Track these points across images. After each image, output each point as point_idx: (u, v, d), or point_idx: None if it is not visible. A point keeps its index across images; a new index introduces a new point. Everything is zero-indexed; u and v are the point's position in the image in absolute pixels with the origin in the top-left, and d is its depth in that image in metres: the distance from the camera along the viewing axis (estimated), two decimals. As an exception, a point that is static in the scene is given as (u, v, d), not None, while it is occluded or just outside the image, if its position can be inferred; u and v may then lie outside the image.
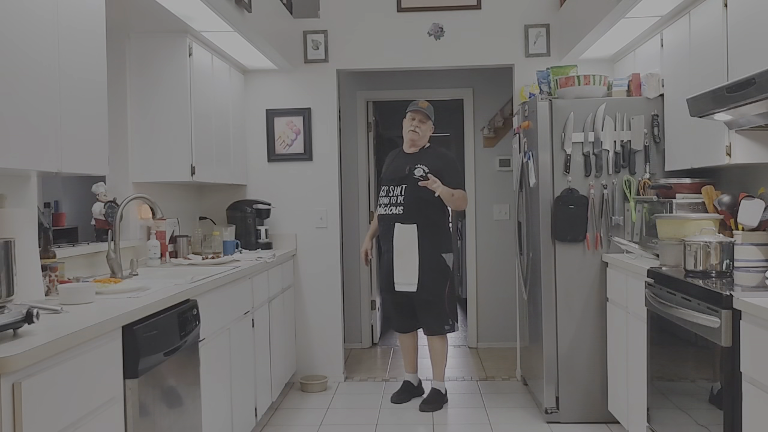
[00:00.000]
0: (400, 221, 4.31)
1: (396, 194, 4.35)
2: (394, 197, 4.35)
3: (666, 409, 2.96)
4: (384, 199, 4.42)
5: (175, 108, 3.84)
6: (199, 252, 4.38)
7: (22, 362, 1.62)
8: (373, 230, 4.70)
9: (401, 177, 4.35)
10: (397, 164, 4.44)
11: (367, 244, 4.73)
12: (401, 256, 4.30)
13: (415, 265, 4.27)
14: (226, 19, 3.61)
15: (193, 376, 2.81)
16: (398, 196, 4.34)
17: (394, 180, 4.38)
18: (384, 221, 4.43)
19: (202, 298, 2.96)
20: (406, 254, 4.29)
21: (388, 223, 4.38)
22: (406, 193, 4.31)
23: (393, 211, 4.34)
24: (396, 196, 4.35)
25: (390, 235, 4.36)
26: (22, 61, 2.15)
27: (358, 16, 5.01)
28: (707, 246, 2.86)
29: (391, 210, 4.36)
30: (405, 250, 4.29)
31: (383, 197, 4.44)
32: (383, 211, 4.42)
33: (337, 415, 4.33)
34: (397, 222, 4.32)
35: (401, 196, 4.32)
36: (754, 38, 2.79)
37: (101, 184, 3.60)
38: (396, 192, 4.35)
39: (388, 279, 4.42)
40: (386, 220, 4.40)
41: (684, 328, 2.70)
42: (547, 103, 4.05)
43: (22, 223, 2.36)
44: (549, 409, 4.06)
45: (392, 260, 4.35)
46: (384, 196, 4.43)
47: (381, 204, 4.46)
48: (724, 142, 3.07)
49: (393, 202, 4.35)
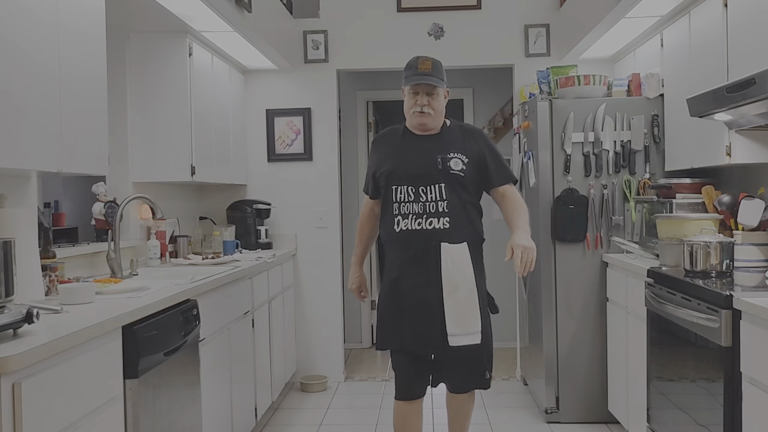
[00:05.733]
0: (447, 239, 2.84)
1: (432, 198, 2.87)
2: (431, 203, 2.87)
3: (666, 409, 2.96)
4: (406, 206, 2.89)
5: (175, 108, 3.84)
6: (199, 252, 4.38)
7: (22, 362, 1.62)
8: (363, 253, 3.23)
9: (433, 173, 2.88)
10: (412, 152, 2.96)
11: (358, 277, 3.21)
12: (455, 292, 2.82)
13: (475, 304, 2.84)
14: (226, 19, 3.60)
15: (193, 376, 2.81)
16: (437, 201, 2.87)
17: (420, 177, 2.89)
18: (412, 241, 2.88)
19: (202, 298, 2.96)
20: (462, 290, 2.83)
21: (422, 244, 2.86)
22: (449, 195, 2.87)
23: (433, 225, 2.85)
24: (433, 201, 2.87)
25: (426, 262, 2.85)
26: (22, 60, 2.15)
27: (358, 16, 5.01)
28: (707, 246, 2.86)
29: (428, 222, 2.86)
30: (460, 283, 2.82)
31: (402, 203, 2.90)
32: (407, 224, 2.88)
33: (337, 415, 4.33)
34: (443, 241, 2.84)
35: (443, 201, 2.86)
36: (754, 38, 2.79)
37: (101, 184, 3.61)
38: (432, 195, 2.88)
39: (411, 330, 2.88)
40: (418, 239, 2.87)
41: (684, 328, 2.70)
42: (547, 103, 4.05)
43: (22, 223, 2.36)
44: (549, 409, 4.06)
45: (426, 301, 2.85)
46: (405, 201, 2.90)
47: (398, 213, 2.91)
48: (724, 142, 3.07)
49: (430, 210, 2.86)
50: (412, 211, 2.88)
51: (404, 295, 2.89)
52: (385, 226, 2.98)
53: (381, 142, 3.11)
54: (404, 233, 2.89)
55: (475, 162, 2.93)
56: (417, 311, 2.86)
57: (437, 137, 2.96)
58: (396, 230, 2.90)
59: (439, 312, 2.83)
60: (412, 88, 2.91)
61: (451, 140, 2.95)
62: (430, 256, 2.84)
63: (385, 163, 2.98)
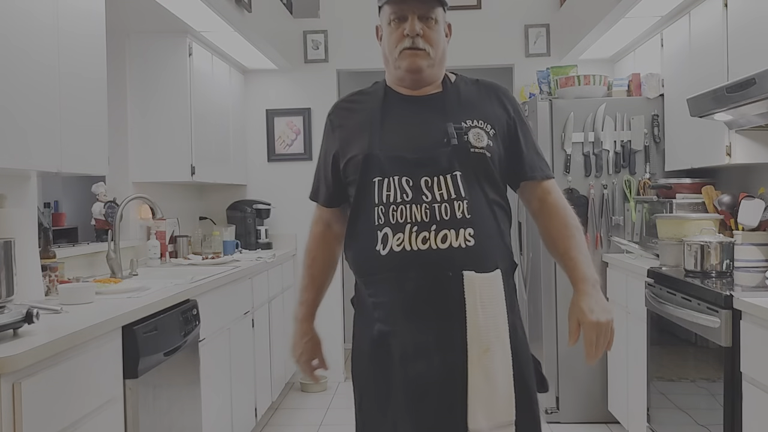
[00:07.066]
0: (473, 264, 1.68)
1: (443, 196, 1.69)
2: (442, 204, 1.69)
3: (666, 409, 2.96)
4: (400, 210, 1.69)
5: (175, 108, 3.84)
6: (199, 252, 4.38)
7: (22, 362, 1.62)
8: (314, 301, 1.99)
9: (441, 153, 1.72)
10: (404, 122, 1.79)
11: (308, 341, 1.97)
12: (486, 355, 1.67)
13: (510, 374, 1.71)
14: (226, 19, 3.61)
15: (193, 376, 2.81)
16: (451, 200, 1.69)
17: (420, 162, 1.72)
18: (412, 270, 1.68)
19: (202, 298, 2.96)
20: (496, 351, 1.68)
21: (429, 276, 1.68)
22: (470, 190, 1.71)
23: (449, 241, 1.67)
24: (445, 201, 1.69)
25: (436, 306, 1.68)
26: (22, 60, 2.15)
27: (358, 16, 5.01)
28: (707, 246, 2.86)
29: (439, 237, 1.67)
30: (493, 341, 1.68)
31: (392, 205, 1.70)
32: (402, 241, 1.68)
33: (337, 415, 4.33)
34: (466, 268, 1.67)
35: (460, 201, 1.69)
36: (754, 38, 2.79)
37: (101, 184, 3.61)
38: (442, 191, 1.70)
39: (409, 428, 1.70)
40: (423, 266, 1.68)
41: (684, 328, 2.70)
42: (547, 103, 4.05)
43: (22, 223, 2.36)
44: (549, 409, 4.06)
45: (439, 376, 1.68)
46: (396, 202, 1.70)
47: (383, 224, 1.70)
48: (724, 142, 3.07)
49: (442, 215, 1.68)
50: (410, 218, 1.65)
51: (396, 366, 1.69)
52: (360, 246, 1.75)
53: (345, 113, 1.86)
54: (397, 257, 1.65)
55: (503, 136, 1.77)
56: (420, 396, 1.67)
57: (440, 97, 1.80)
58: (381, 252, 1.67)
59: (460, 393, 1.64)
60: (394, 11, 1.76)
61: (464, 101, 1.79)
62: (445, 295, 1.64)
63: (355, 142, 1.77)
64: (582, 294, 1.77)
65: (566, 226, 1.82)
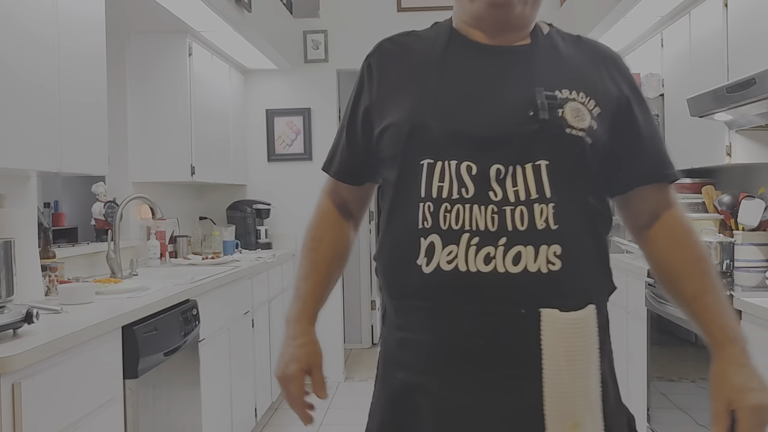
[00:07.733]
0: (556, 297, 1.10)
1: (519, 195, 1.11)
2: (517, 207, 1.11)
3: (666, 409, 2.96)
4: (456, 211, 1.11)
5: (174, 108, 3.84)
6: (199, 252, 4.38)
7: (22, 362, 1.62)
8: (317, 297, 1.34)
9: (522, 131, 1.13)
10: (473, 81, 1.19)
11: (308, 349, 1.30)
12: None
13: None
14: (226, 19, 3.60)
15: (193, 376, 2.81)
16: (530, 201, 1.11)
17: (492, 141, 1.13)
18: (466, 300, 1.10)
19: (202, 298, 2.96)
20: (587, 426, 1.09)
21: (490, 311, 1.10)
22: (557, 188, 1.12)
23: (523, 262, 1.09)
24: (522, 202, 1.11)
25: (498, 356, 1.11)
26: (22, 60, 2.15)
27: (358, 16, 5.01)
28: (707, 246, 2.86)
29: (510, 255, 1.09)
30: (583, 411, 1.10)
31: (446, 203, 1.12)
32: (456, 257, 1.10)
33: (337, 415, 4.33)
34: (545, 305, 1.09)
35: (545, 204, 1.11)
36: (754, 38, 2.79)
37: (101, 184, 3.61)
38: (518, 187, 1.12)
39: None
40: (482, 296, 1.10)
41: (684, 328, 2.70)
42: (547, 103, 4.04)
43: (22, 223, 2.36)
44: (549, 409, 4.05)
45: None
46: (452, 199, 1.12)
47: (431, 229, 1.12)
48: (724, 142, 3.07)
49: (515, 223, 1.10)
50: (470, 224, 1.11)
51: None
52: (394, 257, 1.20)
53: (392, 58, 1.29)
54: (445, 279, 1.12)
55: (612, 119, 1.21)
56: None
57: (529, 51, 1.25)
58: (424, 269, 1.13)
59: None
60: None
61: (562, 62, 1.24)
62: (512, 342, 1.12)
63: (399, 102, 1.22)
64: (731, 364, 1.28)
65: (698, 259, 1.27)
